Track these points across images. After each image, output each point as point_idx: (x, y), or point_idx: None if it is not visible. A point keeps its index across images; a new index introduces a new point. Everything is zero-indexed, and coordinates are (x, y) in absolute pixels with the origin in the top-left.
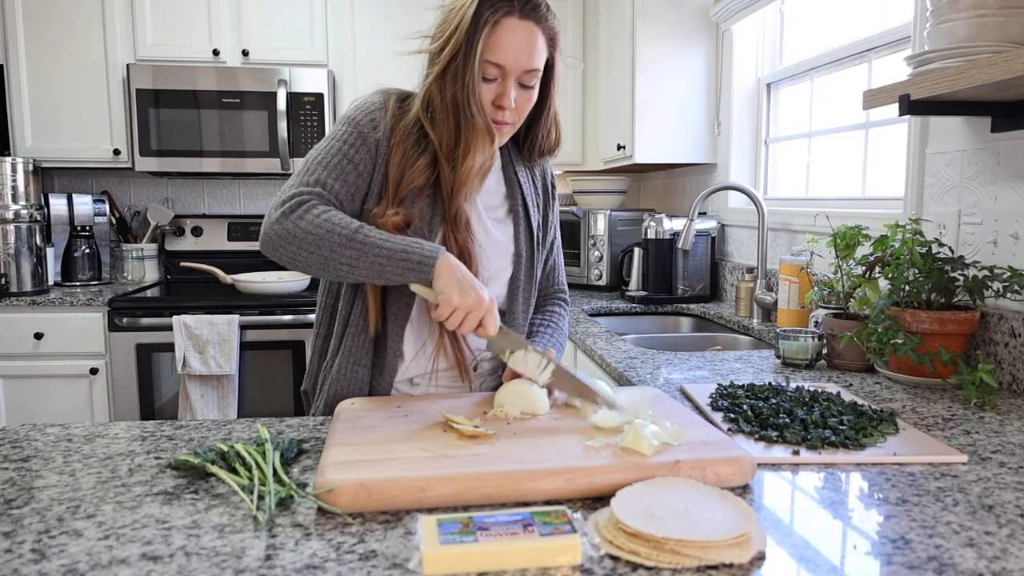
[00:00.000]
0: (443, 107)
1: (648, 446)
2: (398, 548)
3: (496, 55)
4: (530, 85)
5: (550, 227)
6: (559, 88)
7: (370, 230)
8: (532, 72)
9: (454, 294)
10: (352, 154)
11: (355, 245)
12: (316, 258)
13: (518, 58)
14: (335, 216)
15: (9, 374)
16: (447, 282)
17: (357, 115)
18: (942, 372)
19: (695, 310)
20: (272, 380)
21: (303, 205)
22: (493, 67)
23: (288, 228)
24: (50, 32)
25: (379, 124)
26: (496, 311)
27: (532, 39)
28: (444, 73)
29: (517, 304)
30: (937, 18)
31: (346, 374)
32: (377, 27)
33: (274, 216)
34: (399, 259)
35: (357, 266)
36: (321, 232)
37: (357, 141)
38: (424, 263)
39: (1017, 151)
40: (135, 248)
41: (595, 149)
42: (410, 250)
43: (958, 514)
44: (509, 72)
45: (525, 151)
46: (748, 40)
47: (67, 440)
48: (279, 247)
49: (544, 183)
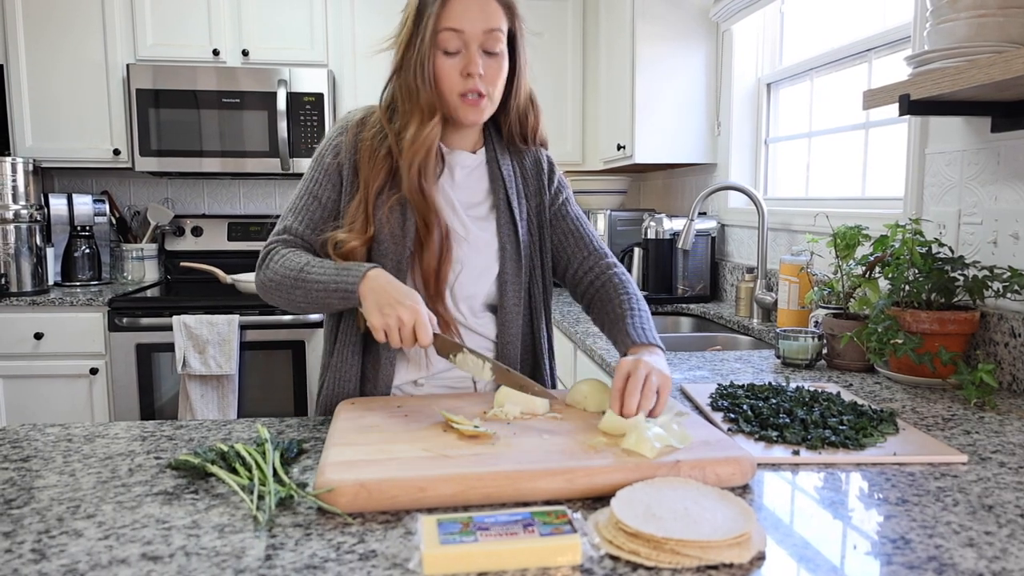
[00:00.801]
0: (401, 99)
1: (650, 448)
2: (398, 548)
3: (451, 21)
4: (495, 51)
5: (546, 211)
6: (527, 63)
7: (314, 265)
8: (493, 32)
9: (374, 318)
10: (317, 190)
11: (301, 284)
12: (284, 300)
13: (474, 21)
14: (288, 259)
15: (9, 374)
16: (368, 307)
17: (322, 147)
18: (942, 372)
19: (695, 310)
20: (272, 380)
21: (270, 255)
22: (452, 35)
23: (261, 279)
24: (50, 32)
25: (340, 148)
26: (424, 320)
27: (485, 3)
28: (401, 65)
29: (508, 299)
30: (937, 18)
31: (334, 389)
32: (377, 27)
33: (257, 268)
34: (332, 290)
35: (308, 302)
36: (278, 278)
37: (321, 177)
38: (350, 292)
39: (1017, 151)
40: (135, 248)
41: (595, 149)
42: (339, 279)
43: (958, 514)
44: (469, 38)
45: (506, 137)
46: (748, 40)
47: (67, 440)
48: (264, 296)
49: (538, 169)
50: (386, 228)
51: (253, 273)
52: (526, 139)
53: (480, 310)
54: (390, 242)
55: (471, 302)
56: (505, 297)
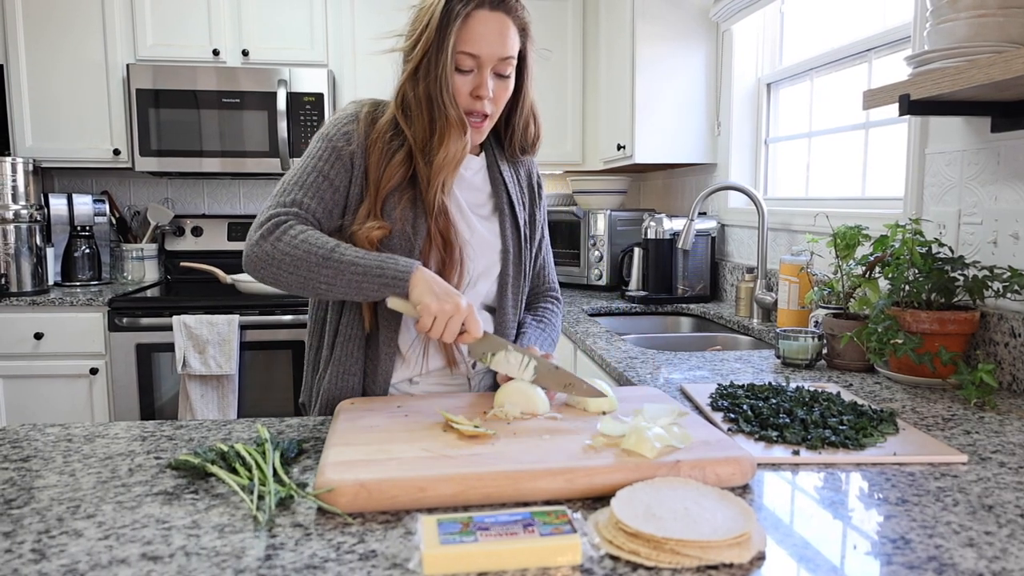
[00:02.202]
0: (417, 103)
1: (650, 448)
2: (398, 548)
3: (470, 46)
4: (506, 74)
5: (537, 225)
6: (533, 79)
7: (346, 248)
8: (507, 60)
9: (431, 301)
10: (327, 170)
11: (332, 264)
12: (296, 278)
13: (492, 47)
14: (312, 236)
15: (9, 374)
16: (423, 291)
17: (331, 131)
18: (942, 372)
19: (695, 310)
20: (272, 380)
21: (280, 227)
22: (468, 58)
23: (267, 250)
24: (50, 32)
25: (352, 137)
26: (476, 315)
27: (504, 28)
28: (417, 70)
29: (507, 300)
30: (937, 18)
31: (337, 383)
32: (377, 27)
33: (254, 238)
34: (375, 275)
35: (335, 284)
36: (299, 253)
37: (332, 157)
38: (399, 277)
39: (1017, 151)
40: (135, 248)
41: (595, 149)
42: (385, 265)
43: (958, 514)
44: (484, 62)
45: (507, 147)
46: (748, 40)
47: (67, 440)
48: (260, 269)
49: (530, 182)
50: (398, 226)
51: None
52: (525, 150)
53: (478, 309)
54: (400, 240)
55: (471, 301)
56: (504, 298)
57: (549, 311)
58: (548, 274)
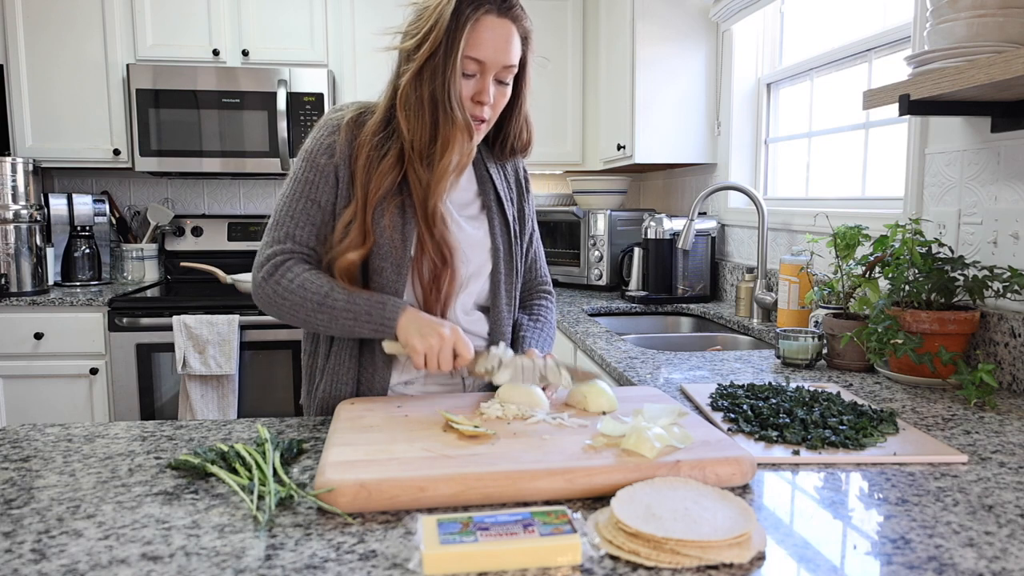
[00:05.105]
0: (419, 104)
1: (650, 448)
2: (398, 548)
3: (477, 51)
4: (506, 82)
5: (527, 220)
6: (531, 87)
7: (339, 293)
8: (509, 68)
9: (417, 342)
10: (313, 193)
11: (326, 310)
12: (297, 319)
13: (497, 54)
14: (307, 280)
15: (9, 374)
16: (409, 333)
17: (312, 146)
18: (942, 372)
19: (695, 310)
20: (272, 380)
21: (279, 269)
22: (473, 63)
23: (269, 293)
24: (50, 32)
25: (335, 148)
26: (463, 337)
27: (510, 36)
28: (422, 70)
29: (500, 298)
30: (937, 18)
31: (331, 392)
32: (377, 27)
33: (257, 279)
34: (364, 321)
35: (331, 327)
36: (296, 298)
37: (315, 177)
38: (386, 324)
39: (1017, 151)
40: (135, 248)
41: (595, 149)
42: (373, 312)
43: (958, 514)
44: (488, 68)
45: (497, 149)
46: (748, 40)
47: (67, 440)
48: (267, 308)
49: (517, 177)
50: (387, 234)
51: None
52: (516, 153)
53: (472, 309)
54: (390, 247)
55: (464, 301)
56: (497, 296)
57: (544, 308)
58: (540, 267)
